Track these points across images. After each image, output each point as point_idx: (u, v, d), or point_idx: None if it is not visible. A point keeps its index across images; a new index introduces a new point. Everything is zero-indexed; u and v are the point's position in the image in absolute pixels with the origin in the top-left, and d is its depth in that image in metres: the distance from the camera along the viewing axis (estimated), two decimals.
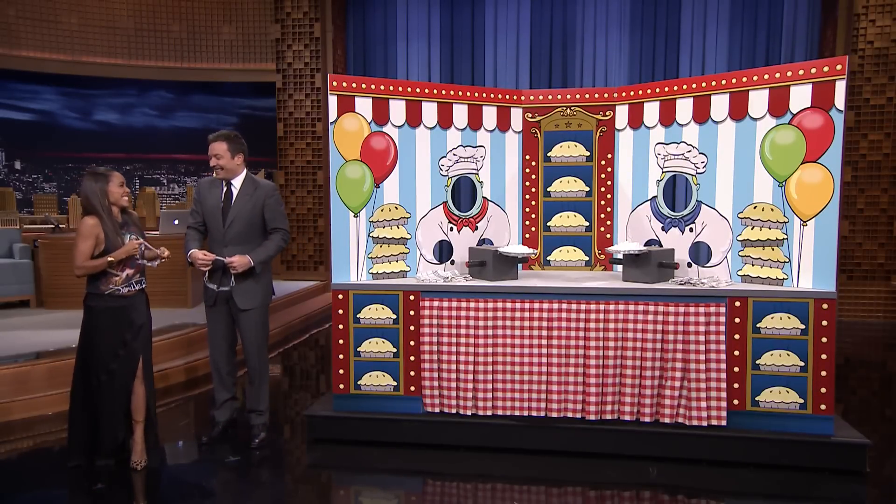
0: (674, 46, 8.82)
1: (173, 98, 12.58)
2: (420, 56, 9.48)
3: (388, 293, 3.97)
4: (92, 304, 3.57)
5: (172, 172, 13.43)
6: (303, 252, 9.82)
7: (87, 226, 3.47)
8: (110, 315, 3.55)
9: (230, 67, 11.98)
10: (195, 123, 12.64)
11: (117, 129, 12.59)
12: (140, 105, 12.59)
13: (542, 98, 4.50)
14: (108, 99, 12.44)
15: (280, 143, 9.78)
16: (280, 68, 9.73)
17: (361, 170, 4.04)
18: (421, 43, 9.48)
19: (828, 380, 3.57)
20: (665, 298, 3.72)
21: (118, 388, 3.57)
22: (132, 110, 12.62)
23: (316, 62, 9.59)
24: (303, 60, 9.64)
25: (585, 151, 4.46)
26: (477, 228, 4.50)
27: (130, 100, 12.52)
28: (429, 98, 4.21)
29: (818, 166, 3.57)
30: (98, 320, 3.55)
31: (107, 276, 3.54)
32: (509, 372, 3.87)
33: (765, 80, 3.72)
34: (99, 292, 3.54)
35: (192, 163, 13.26)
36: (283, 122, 9.74)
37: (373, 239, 4.11)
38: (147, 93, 12.46)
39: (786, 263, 3.72)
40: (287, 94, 9.69)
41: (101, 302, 3.55)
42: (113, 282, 3.55)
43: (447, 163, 4.33)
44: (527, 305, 3.85)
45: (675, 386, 3.70)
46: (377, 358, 4.00)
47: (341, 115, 3.97)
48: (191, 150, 12.90)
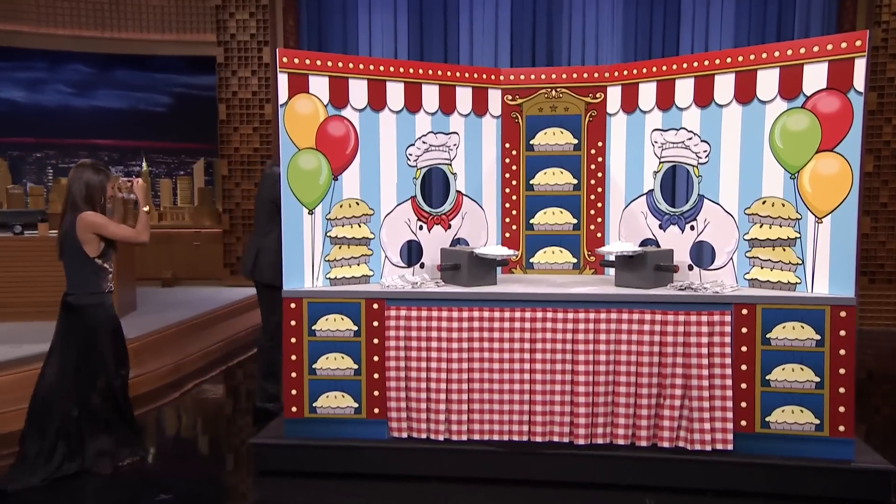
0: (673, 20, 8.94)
1: (93, 73, 12.38)
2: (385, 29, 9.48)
3: (347, 301, 3.98)
4: (90, 304, 3.94)
5: None
6: (242, 253, 9.73)
7: (98, 215, 3.95)
8: (111, 314, 4.01)
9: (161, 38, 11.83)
10: (119, 103, 12.45)
11: (24, 108, 12.34)
12: (52, 81, 12.36)
13: (523, 78, 4.55)
14: (12, 73, 12.19)
15: (222, 127, 9.71)
16: (221, 40, 9.66)
17: (317, 160, 4.04)
18: (386, 13, 9.48)
19: (847, 397, 3.64)
20: (663, 306, 3.78)
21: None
22: (42, 87, 12.39)
23: (263, 34, 9.54)
24: (248, 31, 9.59)
25: (573, 139, 4.52)
26: (450, 227, 4.53)
27: (40, 74, 12.28)
28: (394, 77, 4.22)
29: (835, 156, 3.66)
30: (103, 321, 3.97)
31: (105, 273, 3.99)
32: (487, 391, 3.90)
33: (775, 57, 3.80)
34: (99, 291, 3.97)
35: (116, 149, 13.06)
36: (225, 104, 9.67)
37: (330, 239, 4.12)
38: (60, 67, 12.23)
39: (799, 266, 3.81)
40: (230, 71, 9.63)
41: (100, 300, 3.97)
42: (108, 279, 4.01)
43: (416, 152, 4.35)
44: (507, 314, 3.88)
45: (674, 405, 3.76)
46: (336, 376, 4.00)
47: (293, 96, 3.97)
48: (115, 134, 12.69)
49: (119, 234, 4.00)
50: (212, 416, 5.44)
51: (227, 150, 9.72)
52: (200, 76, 11.93)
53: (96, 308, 3.98)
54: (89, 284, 3.96)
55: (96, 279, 3.97)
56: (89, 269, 3.97)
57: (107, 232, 3.95)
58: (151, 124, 12.32)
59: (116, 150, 13.07)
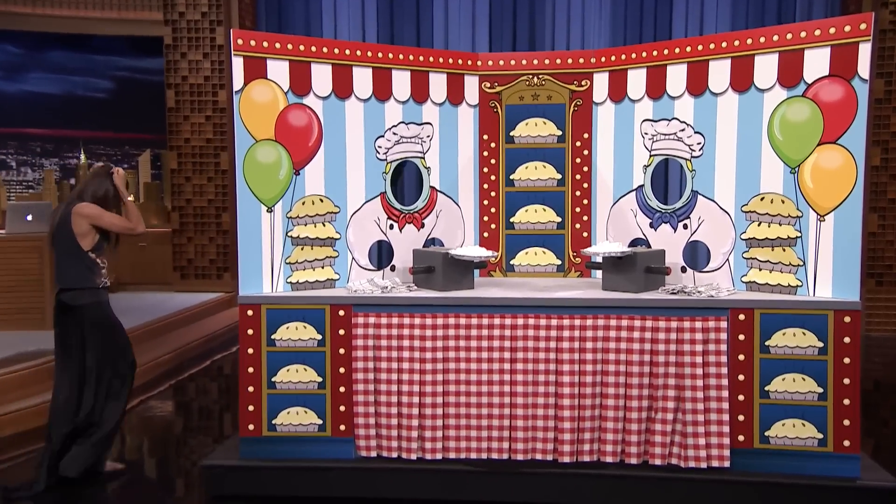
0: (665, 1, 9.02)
1: (23, 54, 12.23)
2: (352, 8, 9.48)
3: (311, 308, 3.98)
4: (85, 304, 4.09)
5: (23, 152, 13.02)
6: (202, 256, 9.70)
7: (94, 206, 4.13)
8: (106, 311, 4.18)
9: (102, 16, 11.71)
10: (54, 88, 12.31)
11: None
12: None
13: (503, 63, 4.57)
14: None
15: (171, 115, 9.63)
16: (169, 19, 9.59)
17: (276, 152, 4.04)
18: None
19: (852, 410, 3.70)
20: (654, 311, 3.82)
21: None
22: None
23: (216, 13, 9.49)
24: (199, 10, 9.53)
25: (557, 130, 4.55)
26: (423, 226, 4.55)
27: None
28: (362, 62, 4.23)
29: (838, 148, 3.71)
30: (103, 316, 4.16)
31: (98, 267, 4.15)
32: (464, 405, 3.92)
33: (774, 42, 3.86)
34: (94, 286, 4.12)
35: (50, 139, 12.89)
36: (174, 90, 9.60)
37: (291, 239, 4.12)
38: None
39: (800, 267, 3.88)
40: (179, 54, 9.56)
41: (97, 297, 4.13)
42: (103, 273, 4.18)
43: (386, 144, 4.36)
44: (485, 321, 3.90)
45: (667, 420, 3.80)
46: (297, 390, 4.00)
47: (249, 82, 3.96)
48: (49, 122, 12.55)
49: (117, 225, 4.18)
50: (160, 436, 5.41)
51: (177, 140, 9.65)
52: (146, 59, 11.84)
53: (94, 308, 4.14)
54: (82, 279, 4.11)
55: (90, 274, 4.12)
56: (83, 264, 4.12)
57: (103, 222, 4.11)
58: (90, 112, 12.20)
59: (51, 140, 12.89)
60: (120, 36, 11.79)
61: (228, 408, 5.91)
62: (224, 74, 9.47)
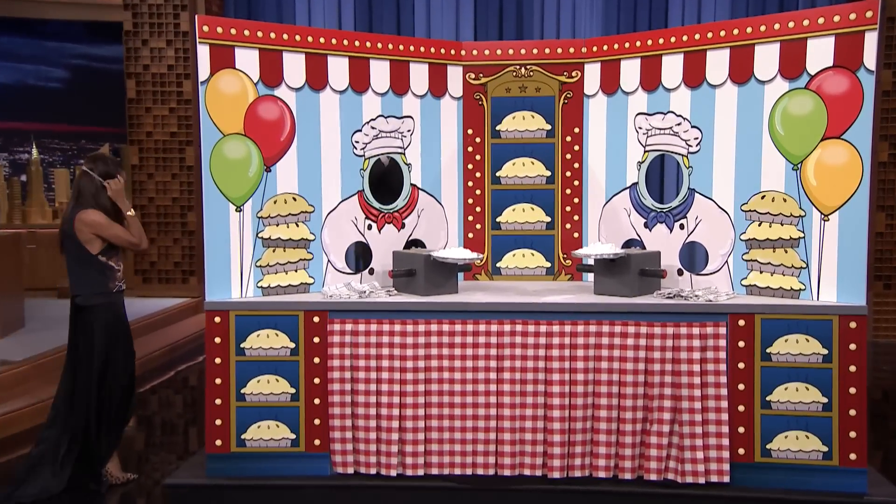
0: None
1: None
2: None
3: (283, 314, 3.98)
4: (98, 304, 4.17)
5: None
6: (166, 258, 9.65)
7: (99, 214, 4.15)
8: (120, 315, 4.27)
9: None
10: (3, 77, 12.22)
11: None
12: None
13: (488, 53, 4.59)
14: None
15: (131, 107, 9.57)
16: (129, 3, 9.53)
17: (245, 148, 4.03)
18: None
19: (858, 421, 3.73)
20: (649, 317, 3.85)
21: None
22: None
23: None
24: None
25: (545, 124, 4.58)
26: (404, 226, 4.56)
27: None
28: (338, 51, 4.23)
29: (843, 143, 3.75)
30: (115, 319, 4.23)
31: (112, 271, 4.21)
32: (447, 417, 3.93)
33: (775, 30, 3.89)
34: (106, 290, 4.18)
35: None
36: (134, 79, 9.54)
37: (262, 241, 4.12)
38: None
39: (803, 269, 3.91)
40: (140, 40, 9.51)
41: (108, 300, 4.20)
42: (117, 277, 4.24)
43: (363, 139, 4.37)
44: (470, 328, 3.92)
45: (663, 432, 3.83)
46: (269, 402, 3.99)
47: (216, 72, 3.95)
48: None
49: (121, 239, 4.20)
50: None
51: (138, 134, 9.58)
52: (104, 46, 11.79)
53: (105, 310, 4.20)
54: (95, 284, 4.18)
55: (102, 279, 4.19)
56: (94, 269, 4.17)
57: (107, 234, 4.15)
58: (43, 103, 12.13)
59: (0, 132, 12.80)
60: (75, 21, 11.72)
61: (194, 422, 5.89)
62: (189, 63, 9.42)
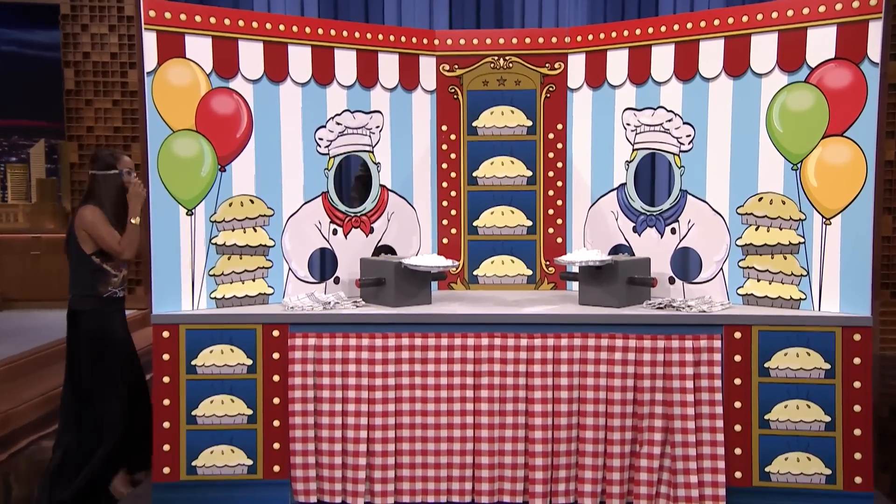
0: None
1: None
2: None
3: (239, 327, 3.97)
4: (85, 310, 4.25)
5: None
6: None
7: (96, 213, 4.23)
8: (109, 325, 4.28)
9: None
10: None
11: None
12: None
13: (464, 43, 4.61)
14: None
15: (70, 100, 9.50)
16: None
17: (197, 145, 4.03)
18: None
19: (864, 441, 3.76)
20: (638, 329, 3.87)
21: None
22: None
23: None
24: None
25: (526, 120, 4.61)
26: (372, 231, 4.57)
27: None
28: (299, 39, 4.24)
29: (846, 141, 3.80)
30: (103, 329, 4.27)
31: (105, 275, 4.26)
32: (420, 440, 3.93)
33: (773, 19, 3.94)
34: (95, 294, 4.25)
35: None
36: (73, 69, 9.47)
37: (216, 247, 4.11)
38: None
39: (803, 277, 3.97)
40: (79, 25, 9.44)
41: (96, 306, 4.25)
42: (112, 283, 4.29)
43: (328, 136, 4.38)
44: (444, 342, 3.93)
45: (653, 454, 3.85)
46: (223, 425, 3.98)
47: (164, 61, 3.94)
48: None
49: (104, 241, 4.23)
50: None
51: (78, 129, 9.51)
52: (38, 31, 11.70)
53: (92, 316, 4.28)
54: (85, 287, 4.28)
55: (93, 281, 4.27)
56: (87, 269, 4.25)
57: (93, 232, 4.22)
58: None
59: None
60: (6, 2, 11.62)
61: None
62: (135, 51, 9.34)
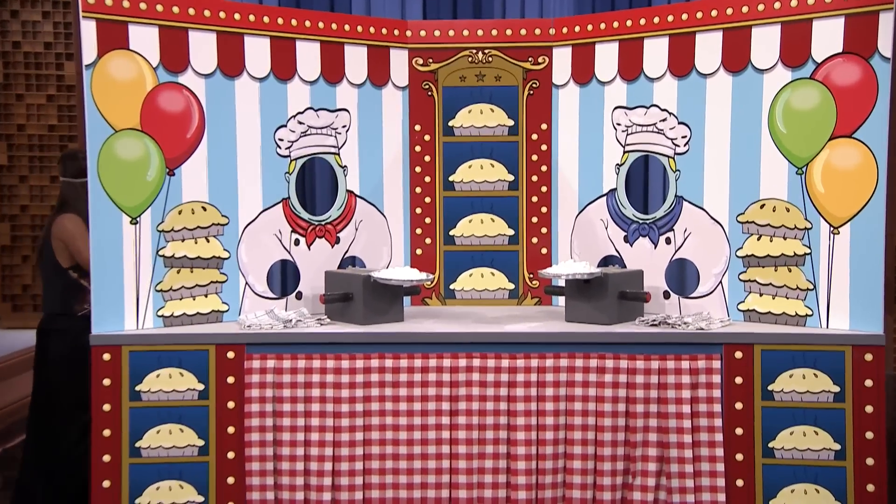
0: None
1: None
2: None
3: (190, 348, 3.92)
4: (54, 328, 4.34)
5: None
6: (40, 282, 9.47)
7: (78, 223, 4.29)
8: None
9: None
10: None
11: None
12: None
13: (439, 34, 4.60)
14: None
15: (0, 94, 9.44)
16: None
17: (143, 146, 3.98)
18: None
19: (877, 471, 3.75)
20: (630, 348, 3.86)
21: None
22: None
23: None
24: None
25: (507, 119, 4.59)
26: (338, 241, 4.53)
27: None
28: (257, 30, 4.21)
29: (855, 143, 3.80)
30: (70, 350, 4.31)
31: (82, 292, 4.30)
32: (391, 471, 3.89)
33: (775, 10, 3.94)
34: (69, 312, 4.34)
35: None
36: (2, 60, 9.43)
37: (164, 259, 4.06)
38: None
39: (809, 292, 3.96)
40: (8, 12, 9.42)
41: (70, 325, 4.31)
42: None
43: (289, 136, 4.35)
44: (418, 363, 3.90)
45: (647, 486, 3.83)
46: (171, 457, 3.92)
47: (105, 53, 3.89)
48: None
49: (81, 257, 4.33)
50: None
51: (7, 128, 9.49)
52: None
53: (62, 336, 4.34)
54: (59, 303, 4.33)
55: (67, 298, 4.36)
56: (61, 284, 4.34)
57: (73, 247, 4.32)
58: None
59: None
60: None
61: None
62: (72, 41, 9.34)
